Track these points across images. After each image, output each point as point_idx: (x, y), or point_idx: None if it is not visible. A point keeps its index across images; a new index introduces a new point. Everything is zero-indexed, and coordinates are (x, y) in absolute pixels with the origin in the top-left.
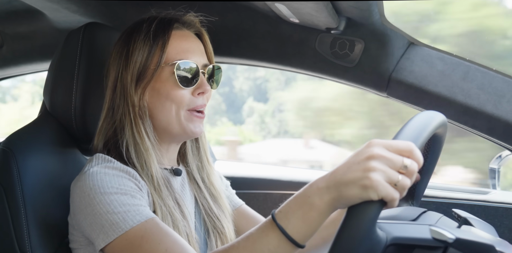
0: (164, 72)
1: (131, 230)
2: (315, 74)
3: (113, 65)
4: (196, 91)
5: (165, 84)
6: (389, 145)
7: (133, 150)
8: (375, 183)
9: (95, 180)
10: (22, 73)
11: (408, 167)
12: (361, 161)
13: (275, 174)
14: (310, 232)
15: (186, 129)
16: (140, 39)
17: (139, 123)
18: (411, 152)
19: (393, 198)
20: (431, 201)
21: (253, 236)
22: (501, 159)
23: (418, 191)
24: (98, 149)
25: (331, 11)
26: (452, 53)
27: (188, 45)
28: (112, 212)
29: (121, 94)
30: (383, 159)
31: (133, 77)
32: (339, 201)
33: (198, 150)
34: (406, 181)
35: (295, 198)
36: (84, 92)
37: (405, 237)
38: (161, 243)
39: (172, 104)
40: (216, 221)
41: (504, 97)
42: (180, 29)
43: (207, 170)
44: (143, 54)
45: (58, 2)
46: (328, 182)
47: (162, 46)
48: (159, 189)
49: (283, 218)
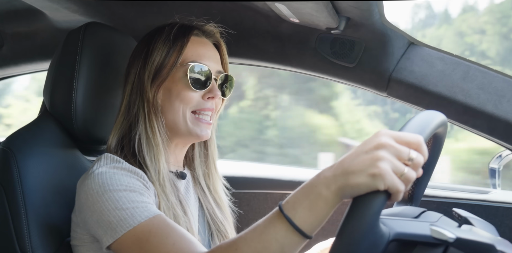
0: (178, 72)
1: (139, 226)
2: (315, 74)
3: (133, 63)
4: (206, 95)
5: (177, 84)
6: (397, 136)
7: (145, 143)
8: (383, 172)
9: (104, 178)
10: (22, 73)
11: (414, 159)
12: (369, 149)
13: (275, 174)
14: (317, 222)
15: (192, 131)
16: (160, 40)
17: (152, 119)
18: (418, 145)
19: (398, 189)
20: (431, 201)
21: (260, 227)
22: (501, 158)
23: (418, 191)
24: (112, 144)
25: (331, 11)
26: (452, 53)
27: (205, 51)
28: (120, 208)
29: (138, 91)
30: (391, 148)
31: (150, 75)
32: (346, 190)
33: (206, 157)
34: (412, 173)
35: (302, 188)
36: (84, 92)
37: (407, 233)
38: (168, 237)
39: (180, 104)
40: (221, 225)
41: (504, 97)
42: (199, 36)
43: (213, 178)
44: (161, 54)
45: (58, 2)
46: (335, 171)
47: (180, 48)
48: (164, 185)
49: (290, 209)
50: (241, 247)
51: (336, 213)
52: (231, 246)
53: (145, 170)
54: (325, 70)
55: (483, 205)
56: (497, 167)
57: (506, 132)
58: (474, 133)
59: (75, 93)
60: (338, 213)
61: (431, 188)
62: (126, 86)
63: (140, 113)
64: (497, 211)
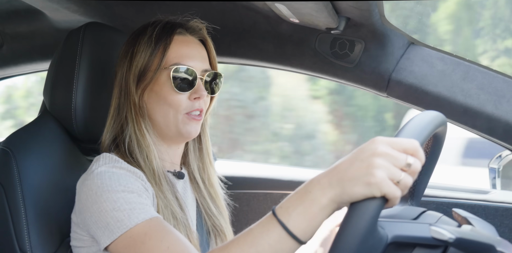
0: (162, 75)
1: (136, 227)
2: (315, 74)
3: (119, 65)
4: (192, 95)
5: (162, 88)
6: (393, 142)
7: (136, 144)
8: (379, 180)
9: (103, 179)
10: (22, 73)
11: (412, 165)
12: (365, 157)
13: (275, 173)
14: (311, 227)
15: (182, 131)
16: (143, 41)
17: (140, 122)
18: (415, 150)
19: (395, 195)
20: (431, 201)
21: (253, 232)
22: (501, 158)
23: (418, 191)
24: (106, 145)
25: (331, 11)
26: (452, 53)
27: (188, 51)
28: (118, 209)
29: (125, 93)
30: (387, 156)
31: (135, 77)
32: (342, 197)
33: (200, 151)
34: (409, 179)
35: (296, 193)
36: (84, 92)
37: (406, 236)
38: (163, 240)
39: (169, 109)
40: (215, 220)
41: (504, 97)
42: (183, 35)
43: (208, 171)
44: (145, 57)
45: (58, 2)
46: (330, 178)
47: (163, 50)
48: (160, 183)
49: (284, 214)
50: (233, 251)
51: None
52: (224, 250)
53: (142, 169)
54: (324, 71)
55: (483, 205)
56: (497, 167)
57: (506, 132)
58: (474, 133)
59: (75, 93)
60: None
61: (431, 188)
62: (114, 89)
63: (129, 115)
64: (496, 211)
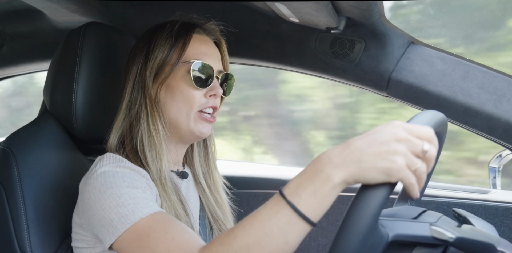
0: (180, 70)
1: (140, 222)
2: (315, 74)
3: (133, 60)
4: (208, 93)
5: (179, 83)
6: (410, 128)
7: (147, 141)
8: (400, 167)
9: (107, 177)
10: (22, 73)
11: (427, 152)
12: (385, 141)
13: (275, 173)
14: (322, 207)
15: (194, 130)
16: (162, 37)
17: (155, 116)
18: (430, 137)
19: (411, 182)
20: (431, 201)
21: (260, 214)
22: (501, 158)
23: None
24: (114, 143)
25: (331, 11)
26: (452, 53)
27: (207, 49)
28: (122, 204)
29: (140, 88)
30: (407, 142)
31: (152, 72)
32: (355, 178)
33: (206, 156)
34: (424, 167)
35: (305, 173)
36: (84, 92)
37: (406, 235)
38: (168, 232)
39: (184, 104)
40: (222, 225)
41: (504, 97)
42: (200, 34)
43: (213, 177)
44: (163, 51)
45: (58, 2)
46: (344, 157)
47: (182, 45)
48: (165, 184)
49: (293, 194)
50: (240, 235)
51: (336, 212)
52: (229, 234)
53: (147, 169)
54: (325, 70)
55: (483, 205)
56: (497, 166)
57: (506, 132)
58: (474, 133)
59: (75, 93)
60: (338, 212)
61: (431, 188)
62: (126, 84)
63: (142, 111)
64: (497, 211)
